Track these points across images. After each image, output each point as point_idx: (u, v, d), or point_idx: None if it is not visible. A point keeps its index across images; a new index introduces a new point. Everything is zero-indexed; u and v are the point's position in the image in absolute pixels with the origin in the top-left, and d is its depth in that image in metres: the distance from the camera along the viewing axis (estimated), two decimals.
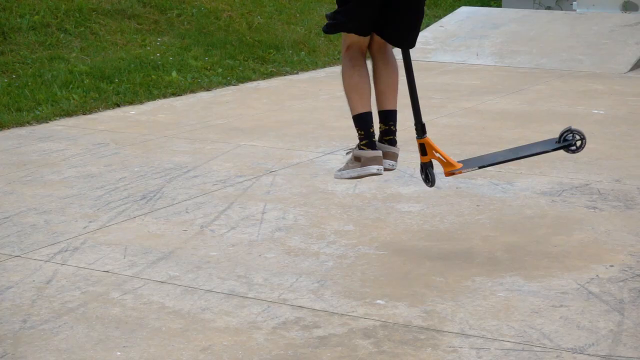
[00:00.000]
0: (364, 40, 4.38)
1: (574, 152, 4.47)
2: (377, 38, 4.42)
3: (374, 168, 4.25)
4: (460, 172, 4.54)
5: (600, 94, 9.24)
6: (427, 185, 4.57)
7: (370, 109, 4.35)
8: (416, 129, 4.44)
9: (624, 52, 11.30)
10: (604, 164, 6.28)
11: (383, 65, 4.42)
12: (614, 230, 4.90)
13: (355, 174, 4.29)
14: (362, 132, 4.26)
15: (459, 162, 4.56)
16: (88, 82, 8.81)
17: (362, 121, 4.26)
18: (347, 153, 4.46)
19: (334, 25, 4.36)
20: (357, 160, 4.27)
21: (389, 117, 4.41)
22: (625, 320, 3.75)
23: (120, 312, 3.84)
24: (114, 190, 5.63)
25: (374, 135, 4.33)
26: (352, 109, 4.30)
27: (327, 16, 4.40)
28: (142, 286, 4.12)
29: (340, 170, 4.44)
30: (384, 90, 4.39)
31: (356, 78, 4.29)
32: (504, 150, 4.76)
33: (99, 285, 4.13)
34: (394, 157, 4.42)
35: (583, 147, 4.45)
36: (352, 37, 4.33)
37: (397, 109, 4.50)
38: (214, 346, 3.52)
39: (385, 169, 4.38)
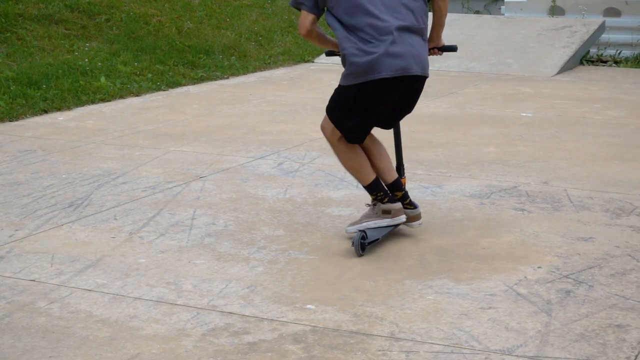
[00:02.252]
0: None
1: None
2: None
3: (402, 218, 4.77)
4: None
5: (528, 97, 9.36)
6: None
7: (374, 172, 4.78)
8: (398, 169, 4.97)
9: (551, 56, 11.46)
10: (532, 166, 6.35)
11: (375, 146, 4.83)
12: (541, 232, 4.95)
13: (385, 224, 4.74)
14: (381, 193, 4.75)
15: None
16: (14, 88, 8.68)
17: (377, 185, 4.76)
18: (367, 205, 4.86)
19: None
20: (386, 212, 4.73)
21: (399, 185, 4.85)
22: (553, 321, 3.79)
23: (47, 321, 3.78)
24: (41, 198, 5.54)
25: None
26: (364, 181, 4.76)
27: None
28: (69, 295, 4.06)
29: (358, 223, 4.74)
30: (386, 166, 4.83)
31: (359, 156, 4.72)
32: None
33: (25, 295, 4.06)
34: (419, 217, 4.88)
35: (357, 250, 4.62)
36: None
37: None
38: (143, 354, 3.48)
39: (414, 228, 4.93)
